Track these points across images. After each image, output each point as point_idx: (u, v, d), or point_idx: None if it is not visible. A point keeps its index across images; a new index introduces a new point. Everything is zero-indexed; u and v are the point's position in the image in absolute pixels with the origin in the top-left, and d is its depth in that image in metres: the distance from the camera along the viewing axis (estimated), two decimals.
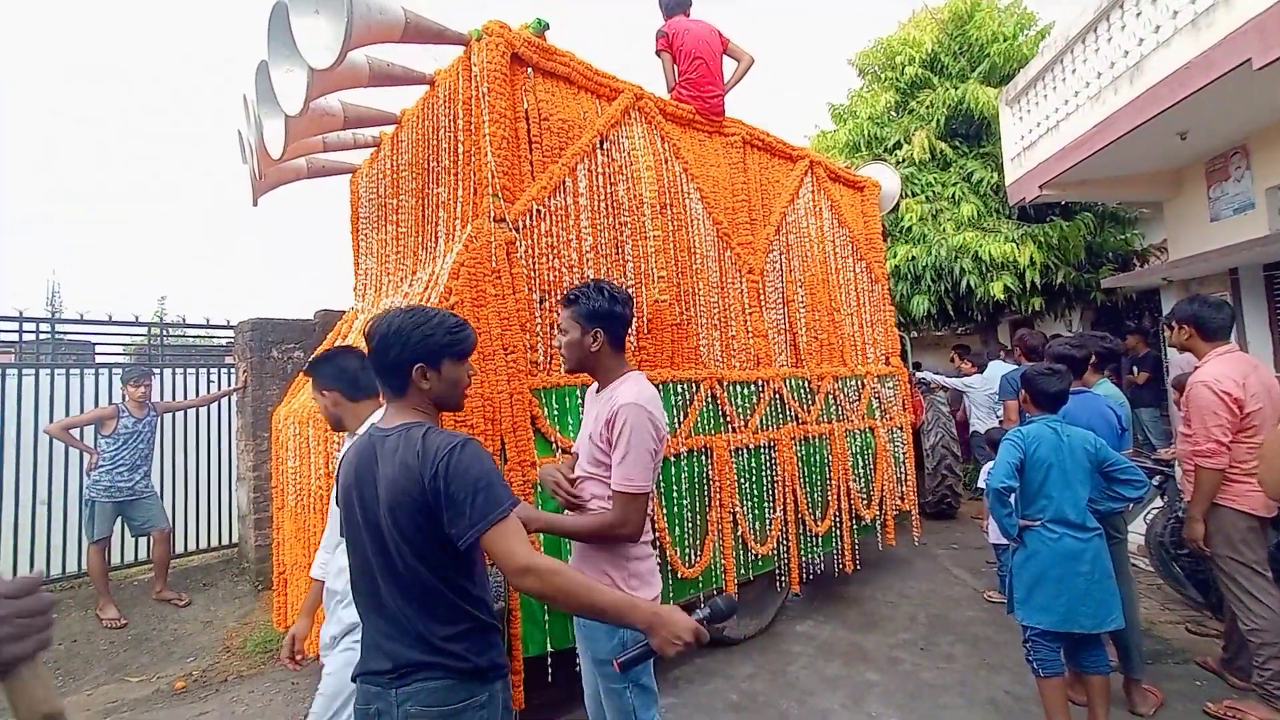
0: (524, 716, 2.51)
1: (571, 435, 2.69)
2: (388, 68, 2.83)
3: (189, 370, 5.81)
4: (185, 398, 5.50)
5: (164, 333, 7.20)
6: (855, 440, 4.29)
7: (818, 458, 3.97)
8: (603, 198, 3.04)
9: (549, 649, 2.51)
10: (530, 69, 2.86)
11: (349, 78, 2.62)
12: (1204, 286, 5.73)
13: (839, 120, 10.07)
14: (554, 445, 2.62)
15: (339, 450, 2.77)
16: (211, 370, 5.90)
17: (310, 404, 3.25)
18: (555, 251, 2.81)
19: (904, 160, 8.46)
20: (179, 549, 5.27)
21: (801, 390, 3.97)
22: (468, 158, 2.76)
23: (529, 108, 2.84)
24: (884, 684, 3.12)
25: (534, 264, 2.73)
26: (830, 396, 4.16)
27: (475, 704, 1.29)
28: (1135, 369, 6.79)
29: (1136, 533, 3.90)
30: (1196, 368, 2.83)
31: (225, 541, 5.62)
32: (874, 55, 9.65)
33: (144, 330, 6.53)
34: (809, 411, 3.96)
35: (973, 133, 8.59)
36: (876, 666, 3.31)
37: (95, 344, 5.91)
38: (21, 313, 5.44)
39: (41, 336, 5.74)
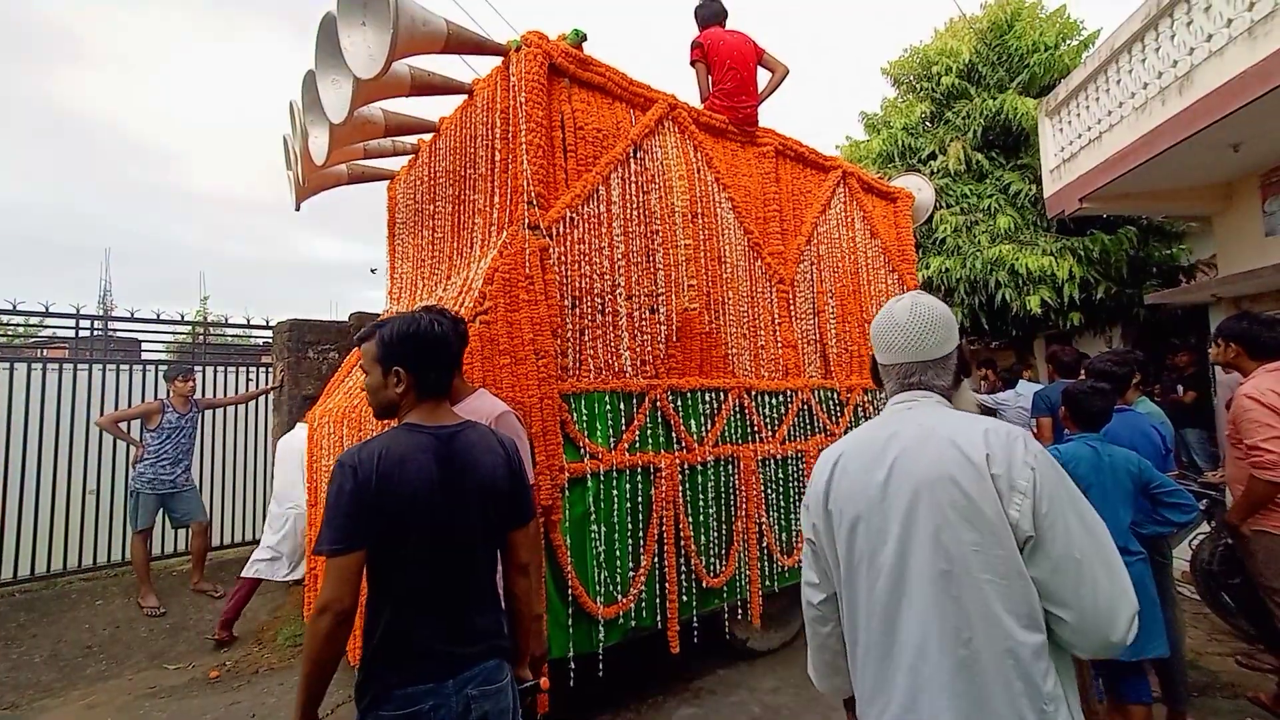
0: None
1: (599, 441, 2.71)
2: (428, 77, 2.91)
3: (228, 368, 6.00)
4: (224, 395, 5.68)
5: (206, 332, 7.47)
6: None
7: None
8: (635, 206, 3.06)
9: (570, 653, 2.52)
10: (567, 79, 2.91)
11: (392, 87, 2.70)
12: (1257, 304, 5.49)
13: (872, 130, 9.98)
14: (582, 450, 2.64)
15: None
16: (249, 369, 6.09)
17: (344, 403, 3.33)
18: (587, 259, 2.83)
19: (939, 171, 8.34)
20: (215, 542, 5.42)
21: (831, 402, 3.92)
22: (504, 165, 2.81)
23: (565, 117, 2.88)
24: None
25: (566, 271, 2.76)
26: (860, 409, 4.10)
27: (512, 679, 1.44)
28: (1182, 388, 6.53)
29: (1181, 559, 3.74)
30: (1240, 384, 2.72)
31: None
32: (909, 65, 9.55)
33: (187, 329, 6.78)
34: (838, 423, 3.91)
35: (1010, 144, 8.43)
36: None
37: (141, 341, 6.15)
38: (78, 309, 5.71)
39: (95, 333, 6.00)
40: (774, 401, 3.54)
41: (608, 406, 2.76)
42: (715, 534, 3.11)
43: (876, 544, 1.10)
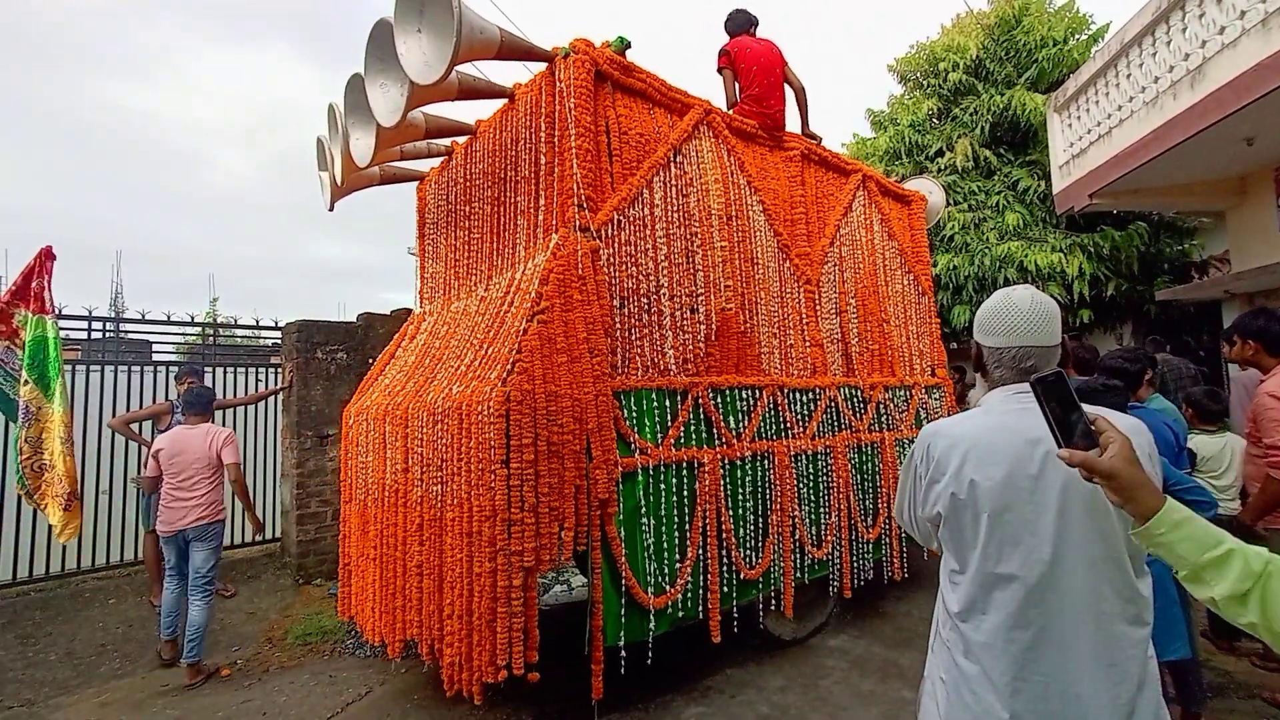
0: (600, 705, 2.58)
1: (648, 437, 2.77)
2: (474, 82, 2.95)
3: (237, 369, 6.00)
4: (234, 396, 5.68)
5: (215, 333, 7.47)
6: (904, 450, 4.29)
7: (869, 466, 4.00)
8: (675, 209, 3.13)
9: (622, 641, 2.59)
10: (610, 84, 2.96)
11: (441, 92, 2.74)
12: (1271, 300, 5.54)
13: (879, 128, 10.02)
14: (632, 446, 2.70)
15: (418, 446, 2.86)
16: (259, 370, 6.09)
17: (382, 401, 3.36)
18: (633, 260, 2.90)
19: (946, 168, 8.40)
20: (226, 541, 5.39)
21: (855, 399, 4.00)
22: (549, 168, 2.86)
23: (609, 122, 2.94)
24: None
25: (614, 272, 2.83)
26: (881, 406, 4.18)
27: None
28: None
29: None
30: (1261, 382, 2.73)
31: (268, 536, 5.72)
32: (916, 61, 9.59)
33: (198, 330, 6.78)
34: (861, 420, 3.99)
35: (1018, 140, 8.49)
36: (912, 685, 3.11)
37: (152, 342, 6.14)
38: (90, 311, 5.70)
39: (107, 335, 6.00)
40: (804, 399, 3.61)
41: (654, 403, 2.83)
42: (753, 527, 3.19)
43: (1028, 531, 1.17)
